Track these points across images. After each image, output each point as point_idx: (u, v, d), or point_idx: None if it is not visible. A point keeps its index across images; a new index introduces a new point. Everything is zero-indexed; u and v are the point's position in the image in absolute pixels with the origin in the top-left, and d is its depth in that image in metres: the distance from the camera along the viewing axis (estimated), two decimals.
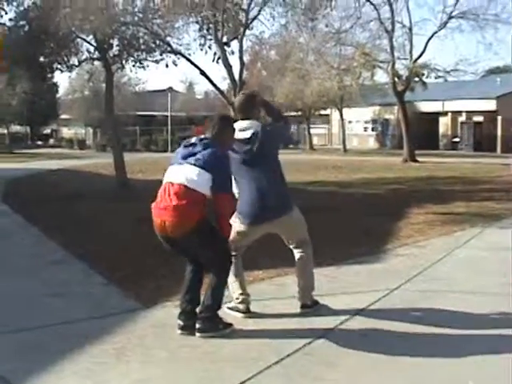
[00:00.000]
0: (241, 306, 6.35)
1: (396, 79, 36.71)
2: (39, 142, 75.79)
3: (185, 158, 5.77)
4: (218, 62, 19.38)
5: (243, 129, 6.22)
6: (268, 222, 6.25)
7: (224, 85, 37.15)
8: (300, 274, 6.54)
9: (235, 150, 6.19)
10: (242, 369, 4.97)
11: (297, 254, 6.53)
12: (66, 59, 23.12)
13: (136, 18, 20.16)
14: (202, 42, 20.53)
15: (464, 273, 8.22)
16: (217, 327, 5.75)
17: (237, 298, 6.37)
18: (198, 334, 5.68)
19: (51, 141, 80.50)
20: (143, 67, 22.27)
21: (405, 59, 37.84)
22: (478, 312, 6.40)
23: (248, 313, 6.36)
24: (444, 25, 37.73)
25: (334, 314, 6.31)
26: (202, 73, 19.85)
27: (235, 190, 6.21)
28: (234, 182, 6.11)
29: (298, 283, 6.54)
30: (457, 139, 55.61)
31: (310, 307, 6.44)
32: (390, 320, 6.17)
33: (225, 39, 19.33)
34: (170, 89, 61.92)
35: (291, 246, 6.57)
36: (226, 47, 19.58)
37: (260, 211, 6.18)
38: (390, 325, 6.04)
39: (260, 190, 6.18)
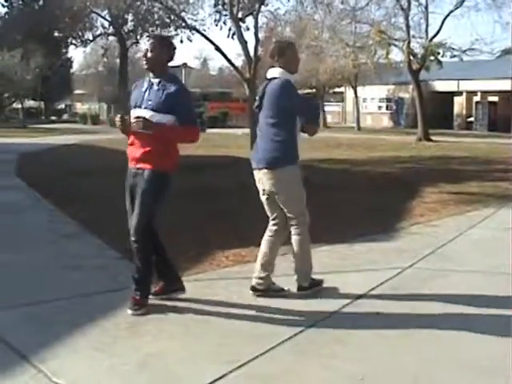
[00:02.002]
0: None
1: (411, 58, 36.45)
2: (53, 117, 75.89)
3: None
4: (233, 38, 19.36)
5: (269, 78, 6.23)
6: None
7: (239, 61, 37.07)
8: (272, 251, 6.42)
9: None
10: (254, 344, 4.99)
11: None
12: (80, 34, 23.27)
13: None
14: (217, 17, 20.57)
15: (477, 253, 8.21)
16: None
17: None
18: None
19: (65, 116, 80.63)
20: None
21: (420, 38, 37.59)
22: (491, 292, 6.40)
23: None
24: (460, 3, 37.43)
25: (346, 292, 6.32)
26: (217, 48, 19.79)
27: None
28: None
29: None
30: (471, 119, 55.28)
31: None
32: (402, 298, 6.18)
33: (240, 15, 19.29)
34: (185, 65, 61.69)
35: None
36: (241, 23, 19.53)
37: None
38: (403, 303, 6.05)
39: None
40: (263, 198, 6.34)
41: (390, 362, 4.76)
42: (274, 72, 6.22)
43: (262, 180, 6.19)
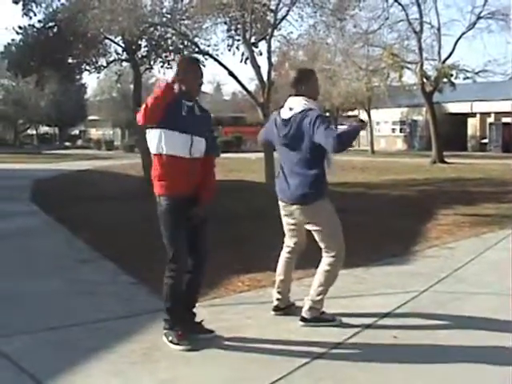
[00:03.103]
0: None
1: (424, 80, 36.48)
2: (67, 143, 76.42)
3: None
4: (246, 63, 19.39)
5: (290, 107, 5.94)
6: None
7: (252, 85, 37.20)
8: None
9: (278, 129, 6.00)
10: (271, 369, 4.95)
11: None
12: (94, 60, 23.30)
13: (164, 19, 20.25)
14: (230, 42, 20.58)
15: (494, 275, 8.14)
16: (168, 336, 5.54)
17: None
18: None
19: (79, 142, 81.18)
20: (171, 68, 22.31)
21: (433, 60, 37.70)
22: (508, 314, 6.33)
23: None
24: (472, 25, 37.60)
25: (363, 316, 6.27)
26: (230, 73, 19.84)
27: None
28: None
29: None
30: (485, 140, 55.21)
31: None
32: (419, 322, 6.14)
33: (253, 40, 19.34)
34: None
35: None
36: (254, 48, 19.58)
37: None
38: (420, 326, 6.00)
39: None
40: (288, 228, 6.27)
41: None
42: (300, 102, 5.91)
43: (294, 214, 6.05)
